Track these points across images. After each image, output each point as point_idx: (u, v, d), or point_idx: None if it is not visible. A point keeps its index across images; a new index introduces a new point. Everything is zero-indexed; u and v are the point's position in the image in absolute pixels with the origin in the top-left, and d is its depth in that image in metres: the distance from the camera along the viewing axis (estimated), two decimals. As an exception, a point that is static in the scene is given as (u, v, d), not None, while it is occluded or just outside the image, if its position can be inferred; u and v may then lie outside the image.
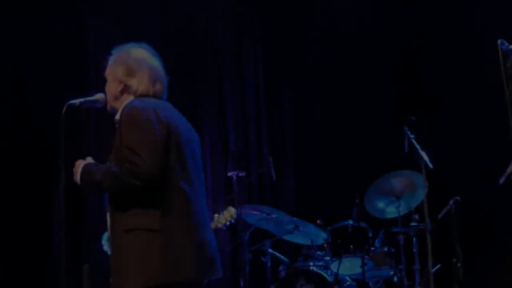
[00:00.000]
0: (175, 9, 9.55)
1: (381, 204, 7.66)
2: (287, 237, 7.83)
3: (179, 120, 4.28)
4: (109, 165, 4.07)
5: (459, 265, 6.79)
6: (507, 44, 3.81)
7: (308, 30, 9.57)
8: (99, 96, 4.44)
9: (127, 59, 4.34)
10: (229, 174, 8.08)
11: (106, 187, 4.05)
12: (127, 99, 4.29)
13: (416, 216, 7.45)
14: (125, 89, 4.31)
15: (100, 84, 4.52)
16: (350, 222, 7.48)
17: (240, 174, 8.06)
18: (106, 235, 4.28)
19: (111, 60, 4.40)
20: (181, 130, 4.19)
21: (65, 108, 4.33)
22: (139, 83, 4.29)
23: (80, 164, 4.16)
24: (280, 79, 9.48)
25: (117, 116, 4.22)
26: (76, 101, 4.36)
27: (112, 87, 4.36)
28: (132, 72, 4.30)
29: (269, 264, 7.65)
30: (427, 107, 8.62)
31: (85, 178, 4.11)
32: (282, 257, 7.78)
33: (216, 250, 4.25)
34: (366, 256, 7.26)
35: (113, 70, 4.35)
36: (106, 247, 4.25)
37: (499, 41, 3.80)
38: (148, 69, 4.33)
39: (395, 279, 7.53)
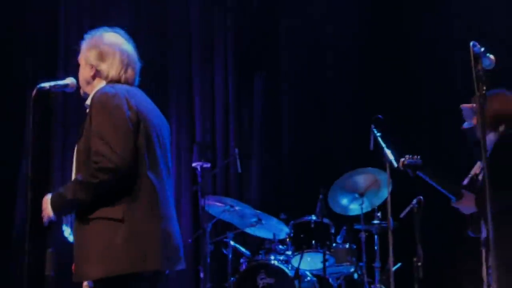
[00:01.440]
0: (148, 1, 9.52)
1: (344, 201, 7.69)
2: (249, 230, 7.85)
3: (149, 108, 4.25)
4: (73, 179, 4.04)
5: (419, 264, 6.81)
6: (479, 46, 3.84)
7: (280, 22, 9.55)
8: (69, 80, 4.40)
9: (99, 43, 4.30)
10: (194, 164, 8.08)
11: (83, 199, 3.97)
12: (99, 84, 4.26)
13: (379, 214, 7.50)
14: (97, 74, 4.27)
15: (69, 68, 4.50)
16: (313, 217, 7.50)
17: (205, 165, 8.06)
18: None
19: (84, 45, 4.36)
20: (151, 118, 4.16)
21: (35, 92, 4.28)
22: (110, 68, 4.26)
23: (46, 199, 4.09)
24: (250, 70, 9.47)
25: (88, 101, 4.18)
26: (46, 85, 4.32)
27: (84, 72, 4.33)
28: (104, 57, 4.27)
29: (230, 256, 7.64)
30: (394, 105, 8.65)
31: (57, 205, 4.04)
32: (243, 250, 7.79)
33: (180, 241, 4.24)
34: (327, 252, 7.29)
35: (86, 54, 4.32)
36: (66, 233, 4.21)
37: (471, 43, 3.82)
38: (120, 54, 4.29)
39: (356, 276, 7.57)
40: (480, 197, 5.45)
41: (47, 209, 4.06)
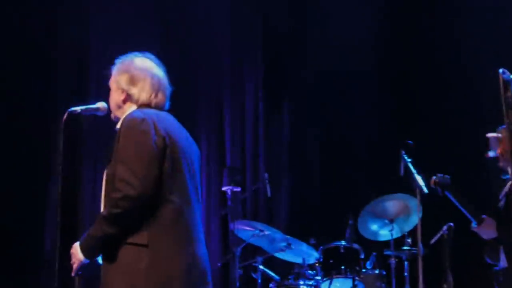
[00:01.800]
0: (175, 22, 9.58)
1: (374, 227, 7.67)
2: (279, 255, 7.82)
3: (179, 132, 4.25)
4: (98, 216, 4.04)
5: (449, 291, 6.78)
6: (508, 73, 3.83)
7: (308, 47, 9.57)
8: (100, 104, 4.44)
9: (130, 68, 4.32)
10: (224, 189, 8.10)
11: (112, 233, 3.96)
12: (130, 108, 4.27)
13: (409, 240, 7.46)
14: (127, 98, 4.29)
15: (101, 93, 4.53)
16: (343, 242, 7.49)
17: (235, 189, 8.08)
18: None
19: (115, 69, 4.39)
20: (180, 143, 4.16)
21: (65, 115, 4.33)
22: (141, 92, 4.27)
23: (75, 246, 4.09)
24: (280, 95, 9.49)
25: (118, 125, 4.21)
26: (77, 109, 4.36)
27: (115, 96, 4.35)
28: (135, 81, 4.28)
29: (259, 281, 7.63)
30: (425, 132, 8.62)
31: (88, 247, 4.04)
32: (273, 274, 7.77)
33: (208, 265, 4.22)
34: (357, 278, 7.26)
35: (116, 79, 4.33)
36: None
37: (500, 70, 3.81)
38: (150, 78, 4.31)
39: (385, 301, 7.54)
40: (501, 223, 5.42)
41: (78, 255, 4.05)
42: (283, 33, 9.60)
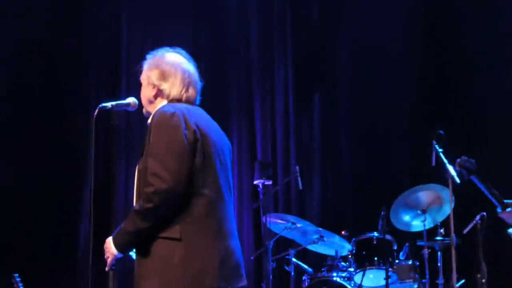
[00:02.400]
0: (207, 19, 9.61)
1: (407, 217, 7.64)
2: (311, 247, 7.84)
3: (210, 126, 4.26)
4: (130, 210, 4.07)
5: (483, 280, 6.75)
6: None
7: (339, 39, 9.55)
8: (130, 99, 4.47)
9: (161, 63, 4.34)
10: (256, 182, 8.12)
11: (145, 227, 3.99)
12: (161, 103, 4.29)
13: (442, 231, 7.44)
14: (159, 93, 4.31)
15: (131, 88, 4.57)
16: (375, 234, 7.49)
17: (266, 183, 8.10)
18: None
19: (146, 65, 4.40)
20: (211, 136, 4.18)
21: (97, 111, 4.36)
22: (172, 87, 4.29)
23: (108, 241, 4.12)
24: (310, 88, 9.49)
25: (149, 120, 4.23)
26: (108, 104, 4.39)
27: (146, 91, 4.37)
28: (166, 76, 4.30)
29: (292, 273, 7.66)
30: (457, 121, 8.58)
31: (122, 242, 4.08)
32: (306, 267, 7.79)
33: (241, 258, 4.23)
34: (390, 269, 7.25)
35: (148, 74, 4.35)
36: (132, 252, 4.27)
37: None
38: (181, 73, 4.32)
39: (419, 292, 7.53)
40: None
41: (111, 249, 4.09)
42: (313, 26, 9.58)
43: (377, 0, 9.44)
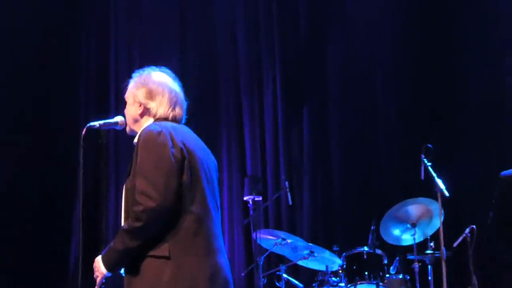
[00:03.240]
0: (195, 34, 9.64)
1: (396, 231, 7.64)
2: (302, 263, 7.82)
3: (196, 144, 4.27)
4: (120, 229, 4.07)
5: (474, 293, 6.77)
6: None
7: (326, 50, 9.56)
8: (118, 118, 4.47)
9: (148, 82, 4.35)
10: (246, 198, 8.12)
11: (134, 246, 4.00)
12: (146, 122, 4.30)
13: (432, 244, 7.44)
14: (145, 112, 4.32)
15: (120, 107, 4.57)
16: (366, 248, 7.48)
17: (256, 199, 8.09)
18: None
19: (132, 83, 4.41)
20: (197, 154, 4.18)
21: (84, 130, 4.36)
22: (159, 106, 4.31)
23: (97, 260, 4.12)
24: (299, 103, 9.49)
25: (136, 139, 4.24)
26: (96, 123, 4.39)
27: (132, 110, 4.38)
28: (152, 96, 4.32)
29: (283, 289, 7.65)
30: (444, 135, 8.60)
31: (111, 260, 4.08)
32: (297, 282, 7.78)
33: (229, 274, 4.23)
34: (381, 283, 7.25)
35: (134, 93, 4.36)
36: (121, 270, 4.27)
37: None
38: (168, 92, 4.34)
39: (410, 306, 7.53)
40: None
41: (100, 268, 4.09)
42: (301, 40, 9.60)
43: (364, 8, 9.42)
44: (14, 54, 8.86)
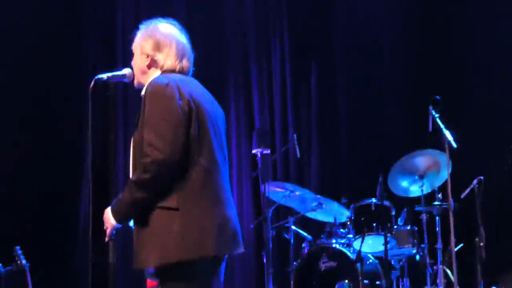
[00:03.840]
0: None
1: (404, 183, 7.65)
2: (310, 215, 7.88)
3: (203, 96, 4.26)
4: (128, 181, 4.08)
5: (481, 244, 6.79)
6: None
7: (335, 4, 9.51)
8: (126, 70, 4.45)
9: (155, 33, 4.33)
10: (254, 151, 8.13)
11: (143, 198, 4.00)
12: (154, 74, 4.29)
13: (440, 195, 7.47)
14: (152, 64, 4.30)
15: (128, 60, 4.56)
16: (374, 200, 7.50)
17: (265, 152, 8.10)
18: None
19: (139, 34, 4.39)
20: (204, 106, 4.18)
21: (92, 83, 4.35)
22: (166, 58, 4.29)
23: (106, 212, 4.14)
24: (306, 55, 9.47)
25: (143, 92, 4.23)
26: (104, 76, 4.37)
27: (139, 62, 4.36)
28: (160, 47, 4.29)
29: (292, 241, 7.68)
30: (452, 86, 8.58)
31: (120, 212, 4.09)
32: (305, 234, 7.84)
33: (238, 225, 4.24)
34: (388, 234, 7.29)
35: (141, 44, 4.34)
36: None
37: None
38: (175, 44, 4.32)
39: (418, 257, 7.57)
40: None
41: (110, 220, 4.11)
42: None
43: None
44: (18, 11, 8.86)
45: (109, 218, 4.11)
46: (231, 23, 9.60)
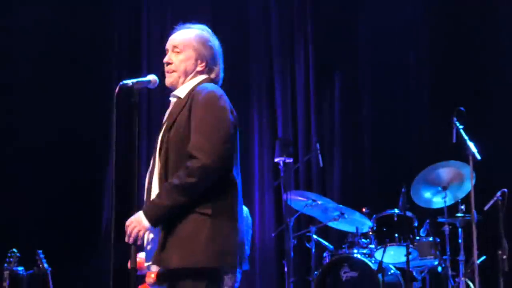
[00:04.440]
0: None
1: (427, 194, 7.63)
2: (332, 224, 7.87)
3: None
4: (166, 184, 4.05)
5: (504, 257, 6.76)
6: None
7: (359, 18, 9.50)
8: (151, 77, 4.45)
9: (214, 43, 4.39)
10: (276, 160, 8.14)
11: (183, 202, 3.99)
12: (198, 79, 4.31)
13: (463, 207, 7.43)
14: (204, 71, 4.33)
15: (153, 66, 4.57)
16: (396, 211, 7.48)
17: (287, 160, 8.11)
18: None
19: (192, 36, 4.37)
20: (237, 120, 4.25)
21: (117, 89, 4.35)
22: (219, 72, 4.38)
23: (138, 216, 4.07)
24: (331, 66, 9.46)
25: (181, 93, 4.25)
26: (129, 82, 4.38)
27: (188, 63, 4.32)
28: (216, 60, 4.36)
29: (313, 250, 7.69)
30: (476, 98, 8.54)
31: (156, 215, 4.04)
32: (326, 243, 7.82)
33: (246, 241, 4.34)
34: (411, 245, 7.24)
35: (198, 48, 4.34)
36: None
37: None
38: (221, 56, 4.42)
39: (440, 269, 7.51)
40: None
41: (142, 223, 4.04)
42: (333, 4, 9.54)
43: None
44: (45, 16, 8.93)
45: (141, 221, 4.04)
46: (255, 34, 9.62)
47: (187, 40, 4.36)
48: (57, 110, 8.81)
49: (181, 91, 4.26)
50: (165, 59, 4.37)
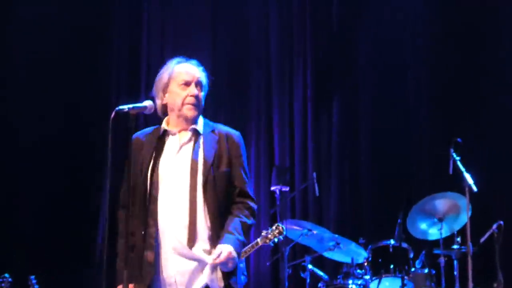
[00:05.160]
0: (227, 22, 9.63)
1: (423, 225, 7.62)
2: (327, 254, 7.83)
3: None
4: (243, 222, 4.45)
5: (500, 290, 6.74)
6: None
7: (358, 43, 9.51)
8: (147, 103, 4.46)
9: None
10: (273, 188, 8.12)
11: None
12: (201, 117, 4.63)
13: (459, 239, 7.41)
14: None
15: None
16: (392, 242, 7.46)
17: (284, 189, 8.10)
18: None
19: (207, 80, 4.67)
20: None
21: (113, 114, 4.36)
22: None
23: (229, 250, 4.32)
24: (329, 94, 9.46)
25: (200, 127, 4.55)
26: (125, 107, 4.38)
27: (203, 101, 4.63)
28: None
29: (308, 280, 7.65)
30: (473, 130, 8.54)
31: (240, 249, 4.44)
32: (321, 273, 7.78)
33: None
34: (406, 277, 7.23)
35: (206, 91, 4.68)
36: None
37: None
38: None
39: (435, 301, 7.49)
40: None
41: (235, 259, 4.34)
42: (332, 32, 9.56)
43: (394, 5, 9.37)
44: (45, 37, 8.94)
45: (233, 257, 4.33)
46: (253, 57, 9.60)
47: (205, 82, 4.66)
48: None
49: (200, 126, 4.55)
50: (194, 93, 4.54)
